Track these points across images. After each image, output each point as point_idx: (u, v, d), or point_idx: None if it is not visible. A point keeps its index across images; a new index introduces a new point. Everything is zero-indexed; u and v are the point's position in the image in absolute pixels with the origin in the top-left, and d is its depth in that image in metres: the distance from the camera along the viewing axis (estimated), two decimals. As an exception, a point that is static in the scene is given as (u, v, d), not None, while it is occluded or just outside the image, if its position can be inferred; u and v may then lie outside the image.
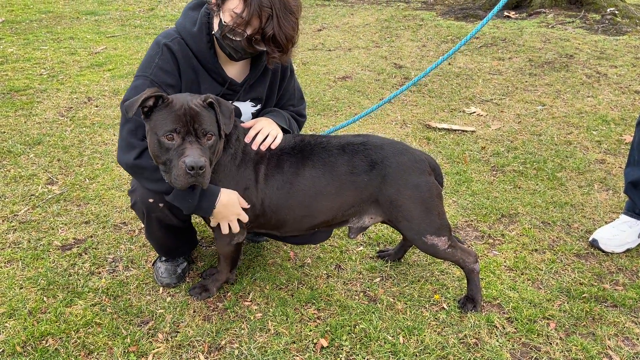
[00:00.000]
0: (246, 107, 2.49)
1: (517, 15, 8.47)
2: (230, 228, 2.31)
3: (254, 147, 2.26)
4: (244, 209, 2.27)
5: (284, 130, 2.42)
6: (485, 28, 7.63)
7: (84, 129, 4.37)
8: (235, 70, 2.38)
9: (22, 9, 9.04)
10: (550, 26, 7.62)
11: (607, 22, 7.59)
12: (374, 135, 2.43)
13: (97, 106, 4.88)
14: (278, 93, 2.56)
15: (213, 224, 2.33)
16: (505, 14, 8.48)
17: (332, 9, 9.72)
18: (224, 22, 2.11)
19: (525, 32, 7.34)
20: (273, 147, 2.27)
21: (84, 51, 6.66)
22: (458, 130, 4.50)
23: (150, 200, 2.30)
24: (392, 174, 2.25)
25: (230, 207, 2.22)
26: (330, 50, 7.04)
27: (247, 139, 2.28)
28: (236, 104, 2.44)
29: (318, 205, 2.28)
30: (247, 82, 2.39)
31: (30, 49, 6.61)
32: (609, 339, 2.30)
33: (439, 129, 4.52)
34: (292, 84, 2.61)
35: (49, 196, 3.34)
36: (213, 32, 2.21)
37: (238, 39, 2.11)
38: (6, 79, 5.47)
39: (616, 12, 7.74)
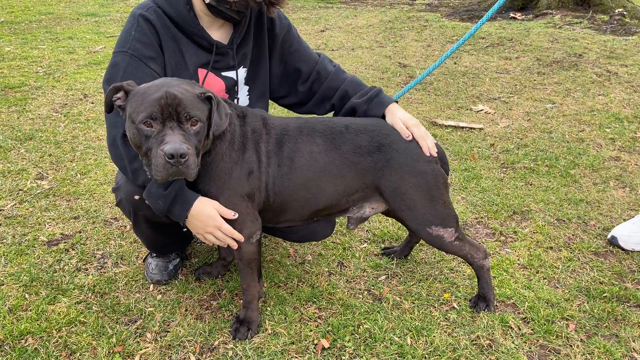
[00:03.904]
0: (241, 74, 2.30)
1: (523, 16, 8.33)
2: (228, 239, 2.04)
3: (433, 153, 2.14)
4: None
5: None
6: (491, 29, 7.50)
7: (78, 124, 4.23)
8: (218, 34, 2.20)
9: (22, 10, 8.96)
10: (557, 27, 7.48)
11: (615, 22, 7.44)
12: (381, 119, 2.25)
13: (92, 103, 4.73)
14: (280, 51, 2.35)
15: (199, 237, 2.08)
16: (512, 15, 8.35)
17: (335, 10, 9.61)
18: None
19: (532, 32, 7.19)
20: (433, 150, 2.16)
21: (82, 50, 6.54)
22: (465, 127, 4.34)
23: (136, 197, 2.12)
24: (398, 159, 2.09)
25: (203, 219, 1.95)
26: (333, 50, 6.90)
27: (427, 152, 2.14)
28: (233, 74, 2.26)
29: (319, 185, 2.09)
30: (234, 42, 2.21)
31: (28, 48, 6.49)
32: (634, 341, 2.12)
33: (445, 126, 4.36)
34: (297, 39, 2.39)
35: (38, 191, 3.18)
36: (207, 2, 2.04)
37: None
38: (1, 77, 5.33)
39: (625, 12, 7.59)
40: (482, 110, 4.73)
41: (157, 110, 1.74)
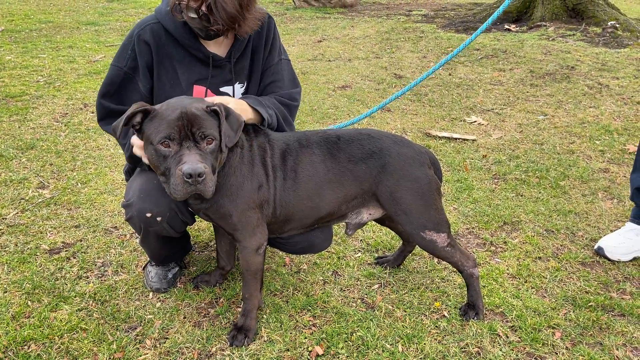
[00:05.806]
0: (237, 90, 2.36)
1: (517, 28, 8.45)
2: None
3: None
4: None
5: (258, 114, 2.23)
6: (486, 40, 7.61)
7: (79, 134, 4.30)
8: (216, 47, 2.25)
9: (22, 18, 9.04)
10: (550, 39, 7.60)
11: (608, 35, 7.56)
12: (372, 128, 2.35)
13: (92, 112, 4.81)
14: (261, 68, 2.39)
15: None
16: (506, 27, 8.47)
17: (332, 21, 9.72)
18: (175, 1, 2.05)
19: (526, 44, 7.31)
20: None
21: (82, 59, 6.63)
22: (459, 138, 4.43)
23: (148, 215, 2.18)
24: (392, 164, 2.19)
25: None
26: (330, 60, 7.00)
27: None
28: (230, 89, 2.33)
29: (321, 194, 2.19)
30: (232, 55, 2.27)
31: (29, 57, 6.57)
32: (617, 349, 2.20)
33: (439, 137, 4.45)
34: (280, 63, 2.45)
35: (39, 200, 3.25)
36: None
37: (192, 15, 2.03)
38: (2, 86, 5.41)
39: (617, 25, 7.71)
40: (475, 121, 4.83)
41: (175, 132, 1.85)
